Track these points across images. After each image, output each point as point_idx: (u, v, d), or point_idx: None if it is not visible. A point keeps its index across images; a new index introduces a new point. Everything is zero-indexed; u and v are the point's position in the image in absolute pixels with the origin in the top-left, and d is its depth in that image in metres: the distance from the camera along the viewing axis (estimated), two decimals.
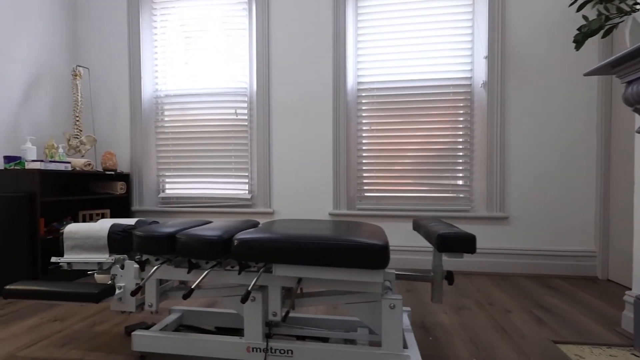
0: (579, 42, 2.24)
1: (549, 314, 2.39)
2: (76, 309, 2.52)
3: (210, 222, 2.10)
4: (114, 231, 1.81)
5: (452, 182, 3.63)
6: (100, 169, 4.14)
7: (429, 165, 3.66)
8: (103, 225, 1.83)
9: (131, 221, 1.97)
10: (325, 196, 3.80)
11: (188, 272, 1.69)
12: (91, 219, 3.80)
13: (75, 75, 3.74)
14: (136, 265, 1.79)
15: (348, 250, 1.41)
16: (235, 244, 1.53)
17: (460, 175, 3.61)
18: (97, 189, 3.95)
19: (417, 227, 1.88)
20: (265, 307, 1.69)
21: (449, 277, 1.63)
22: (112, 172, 3.82)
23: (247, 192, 4.02)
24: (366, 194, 3.79)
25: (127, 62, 4.15)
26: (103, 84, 4.20)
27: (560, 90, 3.38)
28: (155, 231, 1.65)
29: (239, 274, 1.64)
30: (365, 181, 3.79)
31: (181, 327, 2.13)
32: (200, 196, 4.09)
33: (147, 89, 4.17)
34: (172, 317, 2.07)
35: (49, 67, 3.86)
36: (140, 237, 1.66)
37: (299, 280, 1.59)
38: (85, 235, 1.80)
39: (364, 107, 3.79)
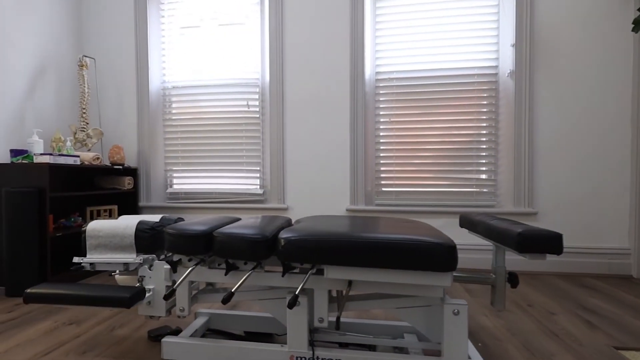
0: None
1: (596, 316, 2.25)
2: (90, 311, 2.37)
3: (238, 219, 1.96)
4: (141, 229, 1.65)
5: (476, 176, 3.49)
6: (107, 163, 3.99)
7: (451, 159, 3.51)
8: (129, 223, 1.67)
9: (155, 218, 1.82)
10: (342, 191, 3.65)
11: (226, 274, 1.54)
12: (99, 215, 3.64)
13: (82, 66, 3.57)
14: (167, 266, 1.64)
15: (415, 250, 1.26)
16: (283, 243, 1.38)
17: (484, 169, 3.47)
18: (103, 184, 3.79)
19: (471, 224, 1.72)
20: (310, 312, 1.55)
21: (512, 279, 1.48)
22: (120, 167, 3.67)
23: (258, 187, 3.86)
24: (384, 189, 3.65)
25: (134, 52, 3.98)
26: (109, 75, 4.04)
27: (593, 80, 3.24)
28: (190, 229, 1.50)
29: (283, 275, 1.49)
30: (383, 175, 3.64)
31: (208, 331, 1.99)
32: (209, 191, 3.94)
33: (155, 81, 4.01)
34: (200, 321, 1.92)
35: (54, 58, 3.69)
36: (174, 236, 1.51)
37: (350, 282, 1.45)
38: (110, 233, 1.65)
39: (382, 98, 3.63)
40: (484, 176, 3.48)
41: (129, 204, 3.91)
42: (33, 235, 2.71)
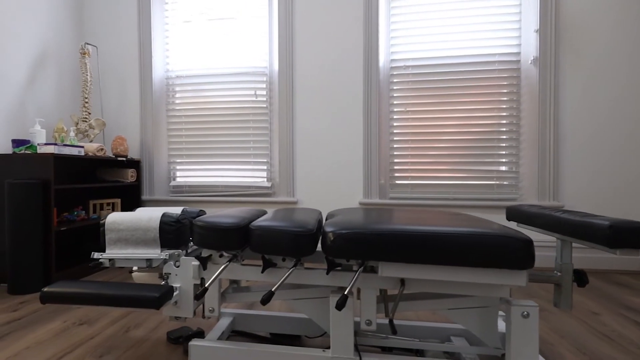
0: None
1: None
2: (101, 310, 2.22)
3: (264, 211, 1.81)
4: (166, 222, 1.50)
5: (496, 168, 3.35)
6: (110, 154, 3.82)
7: (469, 150, 3.37)
8: (152, 215, 1.52)
9: (176, 210, 1.66)
10: (355, 184, 3.50)
11: (262, 271, 1.40)
12: (102, 209, 3.48)
13: (84, 54, 3.40)
14: (195, 263, 1.48)
15: (489, 245, 1.12)
16: (332, 238, 1.23)
17: (505, 160, 3.33)
18: (105, 176, 3.62)
19: (525, 216, 1.56)
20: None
21: (580, 277, 1.34)
22: (124, 159, 3.51)
23: (266, 179, 3.71)
24: (398, 182, 3.50)
25: (137, 39, 3.81)
26: (111, 63, 3.86)
27: (624, 69, 3.10)
28: (224, 222, 1.35)
29: (328, 273, 1.35)
30: (397, 167, 3.49)
31: (233, 333, 1.84)
32: (214, 184, 3.78)
33: (158, 70, 3.84)
34: (224, 322, 1.77)
35: (55, 45, 3.52)
36: (205, 229, 1.36)
37: (402, 281, 1.31)
38: (132, 226, 1.49)
39: (396, 87, 3.48)
40: (504, 168, 3.34)
41: (131, 197, 3.74)
42: (37, 229, 2.55)
